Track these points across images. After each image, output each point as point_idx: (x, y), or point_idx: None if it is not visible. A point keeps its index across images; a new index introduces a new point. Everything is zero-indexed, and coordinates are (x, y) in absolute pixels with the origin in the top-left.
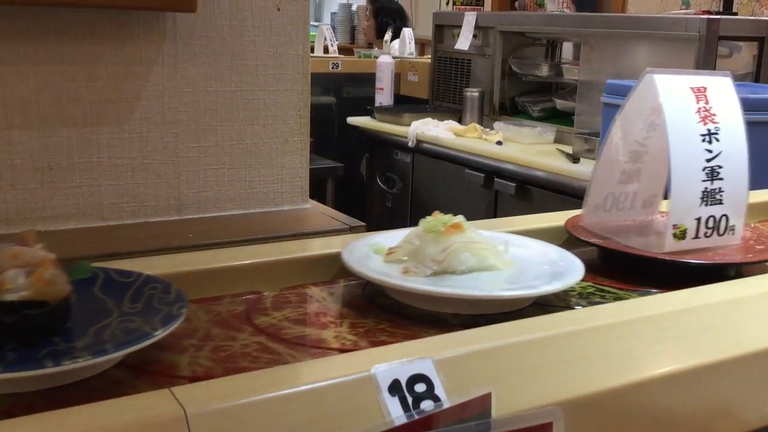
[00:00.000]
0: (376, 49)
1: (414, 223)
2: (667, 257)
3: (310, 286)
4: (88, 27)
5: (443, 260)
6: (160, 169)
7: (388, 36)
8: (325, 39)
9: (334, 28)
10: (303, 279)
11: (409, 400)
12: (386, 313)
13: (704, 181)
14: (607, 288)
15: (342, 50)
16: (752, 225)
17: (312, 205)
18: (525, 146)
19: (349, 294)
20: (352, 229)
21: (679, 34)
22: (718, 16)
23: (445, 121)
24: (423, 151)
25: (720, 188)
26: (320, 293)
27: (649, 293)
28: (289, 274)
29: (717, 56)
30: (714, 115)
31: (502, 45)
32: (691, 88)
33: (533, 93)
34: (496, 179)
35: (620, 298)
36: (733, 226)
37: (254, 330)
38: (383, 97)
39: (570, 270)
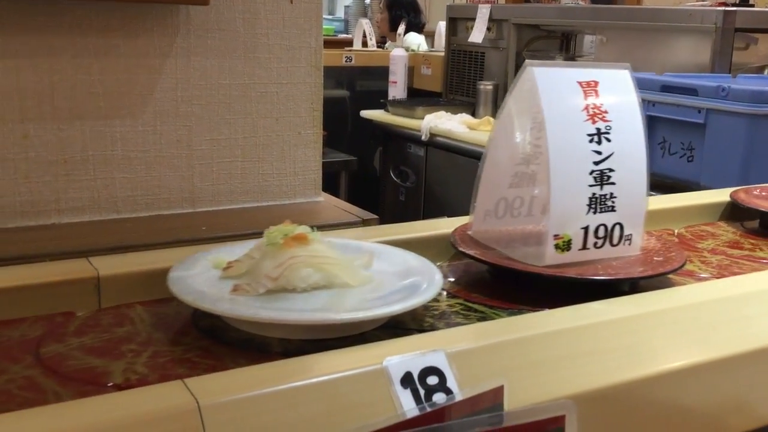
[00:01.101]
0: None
1: (427, 216)
2: (546, 271)
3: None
4: (101, 20)
5: (278, 277)
6: (173, 162)
7: (401, 29)
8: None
9: (347, 21)
10: None
11: (422, 392)
12: (207, 339)
13: (592, 186)
14: (476, 306)
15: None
16: (676, 231)
17: (325, 198)
18: None
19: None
20: (365, 222)
21: (696, 26)
22: (735, 8)
23: (459, 115)
24: (436, 144)
25: (611, 194)
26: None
27: (522, 311)
28: None
29: (733, 48)
30: (605, 112)
31: (517, 38)
32: (579, 83)
33: None
34: None
35: (485, 318)
36: (630, 235)
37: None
38: (397, 90)
39: (428, 287)
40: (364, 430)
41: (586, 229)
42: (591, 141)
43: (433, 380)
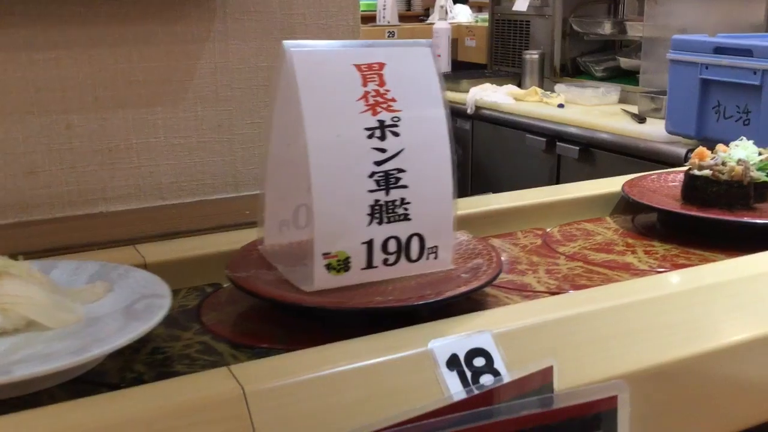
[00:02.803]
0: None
1: (475, 192)
2: (306, 300)
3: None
4: (138, 8)
5: None
6: (215, 147)
7: (444, 1)
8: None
9: None
10: None
11: (468, 374)
12: None
13: (373, 191)
14: (221, 344)
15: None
16: (548, 230)
17: None
18: (588, 108)
19: None
20: None
21: None
22: None
23: (505, 86)
24: (482, 117)
25: (403, 199)
26: None
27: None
28: None
29: None
30: (392, 100)
31: (562, 4)
32: (356, 66)
33: (595, 52)
34: (558, 143)
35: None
36: (434, 248)
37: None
38: (440, 63)
39: (144, 320)
40: (411, 414)
41: (369, 243)
42: (371, 136)
43: (479, 362)
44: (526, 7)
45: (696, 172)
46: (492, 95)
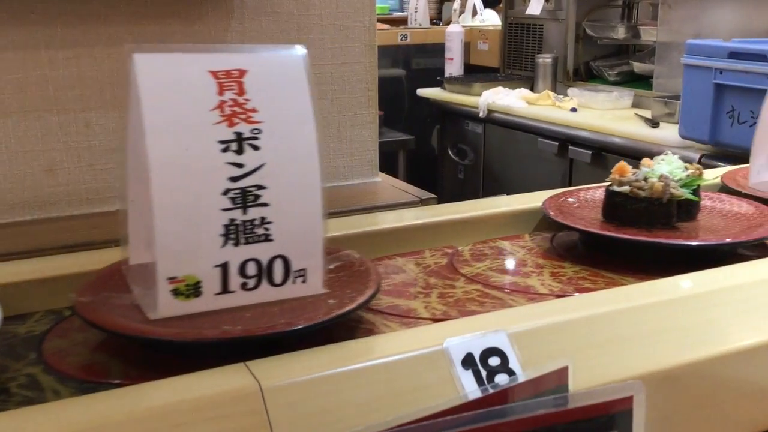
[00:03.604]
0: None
1: (486, 194)
2: (142, 328)
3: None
4: (157, 7)
5: None
6: None
7: (456, 4)
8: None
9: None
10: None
11: (483, 373)
12: None
13: (228, 209)
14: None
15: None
16: (459, 248)
17: (382, 178)
18: (601, 112)
19: None
20: (423, 202)
21: None
22: None
23: (517, 90)
24: (494, 120)
25: (263, 218)
26: None
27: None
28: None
29: None
30: (253, 111)
31: (576, 8)
32: (212, 73)
33: (609, 57)
34: (570, 147)
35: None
36: (302, 270)
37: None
38: (453, 67)
39: None
40: (426, 412)
41: (224, 266)
42: (226, 150)
43: (494, 361)
44: (540, 11)
45: (616, 188)
46: (504, 99)
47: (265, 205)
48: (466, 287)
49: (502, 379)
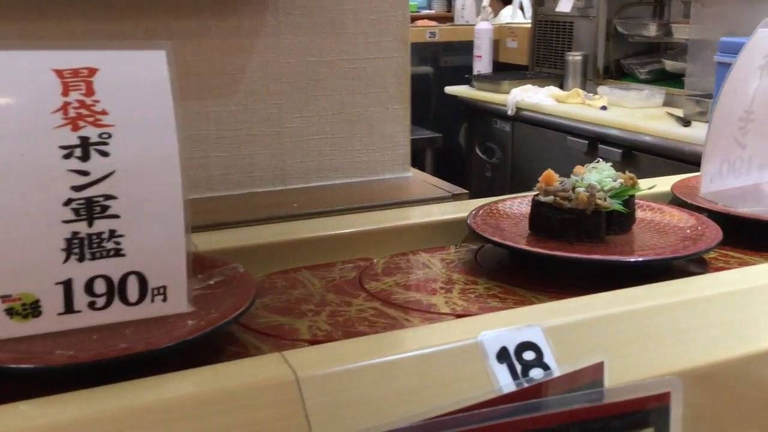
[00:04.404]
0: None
1: (514, 192)
2: None
3: (421, 253)
4: (193, 2)
5: None
6: (265, 140)
7: (485, 2)
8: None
9: None
10: (410, 246)
11: (518, 367)
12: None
13: (70, 221)
14: None
15: (440, 19)
16: (374, 260)
17: (414, 173)
18: (631, 110)
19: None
20: (455, 197)
21: None
22: None
23: (546, 87)
24: (523, 119)
25: (113, 231)
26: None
27: None
28: (397, 241)
29: None
30: (102, 114)
31: (607, 5)
32: (57, 71)
33: (640, 54)
34: (600, 146)
35: None
36: (161, 288)
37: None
38: (481, 64)
39: None
40: (461, 404)
41: (67, 284)
42: (68, 156)
43: (529, 355)
44: (570, 8)
45: (541, 198)
46: (533, 96)
47: (115, 216)
48: (363, 305)
49: (536, 373)
